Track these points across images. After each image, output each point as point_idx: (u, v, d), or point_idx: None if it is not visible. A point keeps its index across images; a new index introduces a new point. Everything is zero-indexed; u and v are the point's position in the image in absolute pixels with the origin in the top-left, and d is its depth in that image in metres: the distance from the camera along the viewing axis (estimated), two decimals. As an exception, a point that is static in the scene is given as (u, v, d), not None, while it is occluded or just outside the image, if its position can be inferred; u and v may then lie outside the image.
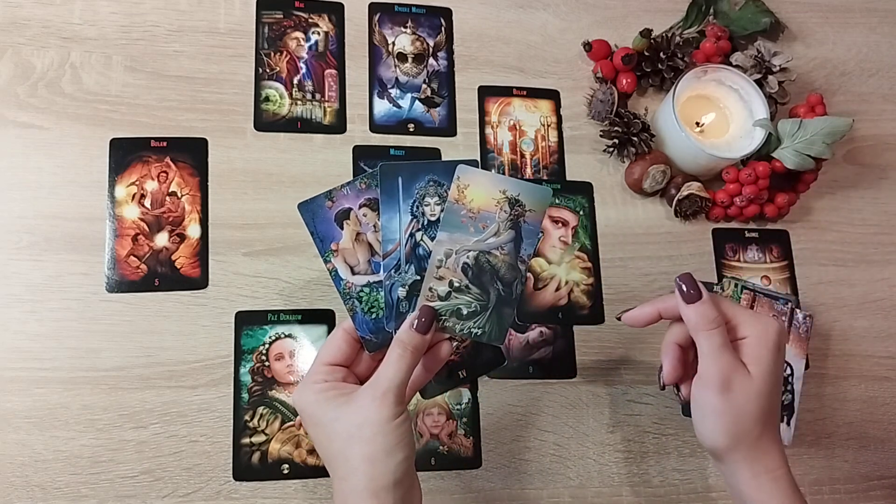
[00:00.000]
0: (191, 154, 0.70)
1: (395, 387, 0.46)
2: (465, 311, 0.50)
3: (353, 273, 0.51)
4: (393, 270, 0.50)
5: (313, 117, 0.73)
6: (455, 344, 0.51)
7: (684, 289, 0.51)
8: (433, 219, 0.51)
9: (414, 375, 0.50)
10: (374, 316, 0.51)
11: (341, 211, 0.51)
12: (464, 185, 0.50)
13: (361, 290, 0.51)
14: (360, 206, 0.52)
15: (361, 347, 0.52)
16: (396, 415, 0.46)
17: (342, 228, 0.51)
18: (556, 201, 0.74)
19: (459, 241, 0.50)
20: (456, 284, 0.50)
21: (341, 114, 0.74)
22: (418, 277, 0.50)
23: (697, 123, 0.77)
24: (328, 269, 0.51)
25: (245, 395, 0.64)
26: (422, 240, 0.51)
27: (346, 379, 0.50)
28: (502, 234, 0.51)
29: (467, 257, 0.50)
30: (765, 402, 0.50)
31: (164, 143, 0.69)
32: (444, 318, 0.50)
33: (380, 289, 0.51)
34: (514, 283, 0.51)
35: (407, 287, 0.50)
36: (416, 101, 0.76)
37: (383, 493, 0.45)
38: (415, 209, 0.51)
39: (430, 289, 0.50)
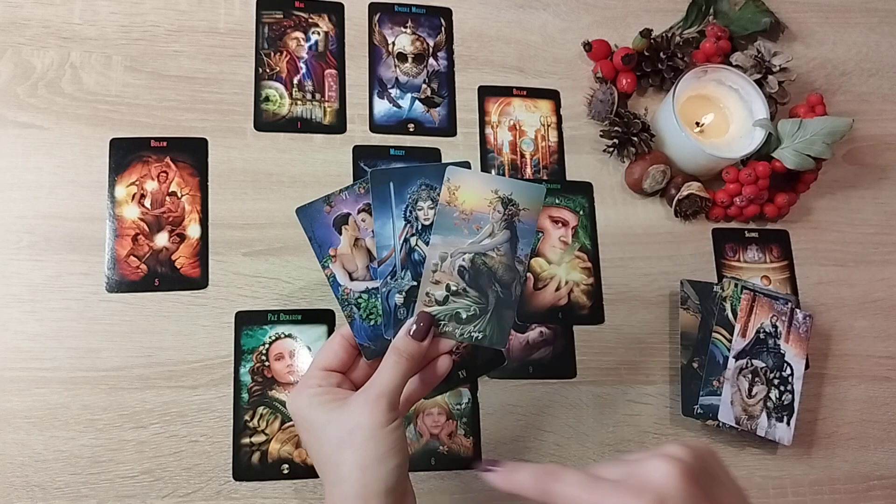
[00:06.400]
0: (191, 154, 0.70)
1: (388, 392, 0.45)
2: (464, 315, 0.49)
3: (352, 279, 0.51)
4: (389, 277, 0.49)
5: (313, 117, 0.73)
6: (454, 344, 0.51)
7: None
8: (427, 223, 0.50)
9: (411, 389, 0.49)
10: (372, 322, 0.50)
11: (340, 216, 0.51)
12: (454, 186, 0.49)
13: (360, 297, 0.50)
14: (359, 211, 0.51)
15: (359, 354, 0.51)
16: (389, 421, 0.45)
17: (340, 234, 0.51)
18: (557, 201, 0.74)
19: (454, 244, 0.49)
20: (453, 288, 0.49)
21: (341, 114, 0.74)
22: (415, 283, 0.49)
23: (697, 123, 0.77)
24: (326, 275, 0.50)
25: (245, 395, 0.64)
26: (417, 245, 0.50)
27: (342, 385, 0.49)
28: (497, 234, 0.50)
29: (463, 260, 0.49)
30: None
31: (164, 143, 0.69)
32: (443, 323, 0.49)
33: (378, 295, 0.50)
34: (512, 284, 0.50)
35: (404, 293, 0.49)
36: (416, 101, 0.76)
37: (374, 500, 0.44)
38: (408, 214, 0.50)
39: (427, 294, 0.49)
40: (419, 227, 0.50)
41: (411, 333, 0.47)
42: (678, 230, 0.76)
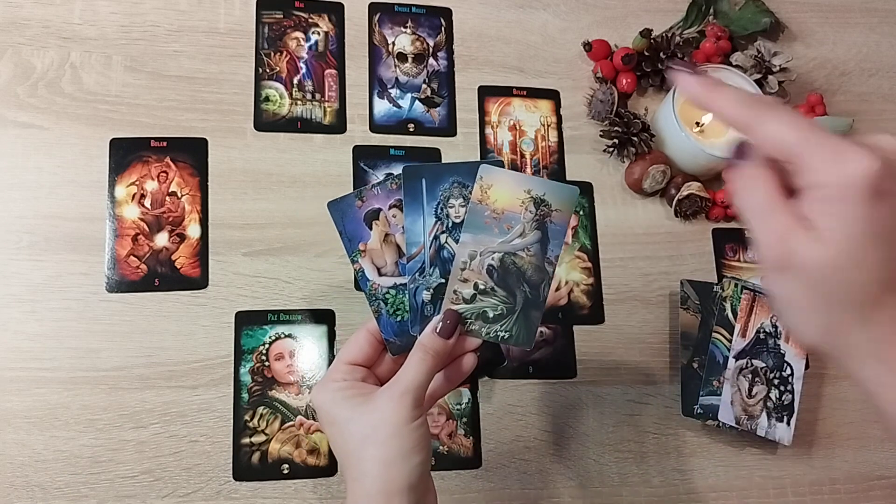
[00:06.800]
0: (191, 154, 0.70)
1: (414, 389, 0.45)
2: (491, 314, 0.49)
3: (380, 274, 0.51)
4: (417, 273, 0.49)
5: (313, 117, 0.73)
6: (480, 342, 0.51)
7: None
8: (458, 221, 0.49)
9: (435, 385, 0.49)
10: (399, 318, 0.50)
11: (371, 211, 0.51)
12: (487, 185, 0.49)
13: (387, 292, 0.50)
14: (390, 207, 0.51)
15: (384, 349, 0.51)
16: (414, 417, 0.44)
17: (371, 229, 0.51)
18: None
19: (484, 243, 0.49)
20: (481, 287, 0.49)
21: (341, 114, 0.74)
22: (443, 280, 0.49)
23: (697, 123, 0.77)
24: (355, 270, 0.50)
25: (245, 395, 0.64)
26: (446, 242, 0.50)
27: (366, 379, 0.49)
28: (528, 234, 0.50)
29: (492, 259, 0.49)
30: (852, 275, 0.33)
31: (164, 143, 0.69)
32: (469, 321, 0.49)
33: (406, 291, 0.50)
34: (541, 285, 0.50)
35: (431, 290, 0.49)
36: (416, 101, 0.76)
37: (396, 497, 0.43)
38: (439, 211, 0.50)
39: (455, 291, 0.49)
40: (450, 225, 0.50)
41: (438, 331, 0.47)
42: (678, 230, 0.76)
